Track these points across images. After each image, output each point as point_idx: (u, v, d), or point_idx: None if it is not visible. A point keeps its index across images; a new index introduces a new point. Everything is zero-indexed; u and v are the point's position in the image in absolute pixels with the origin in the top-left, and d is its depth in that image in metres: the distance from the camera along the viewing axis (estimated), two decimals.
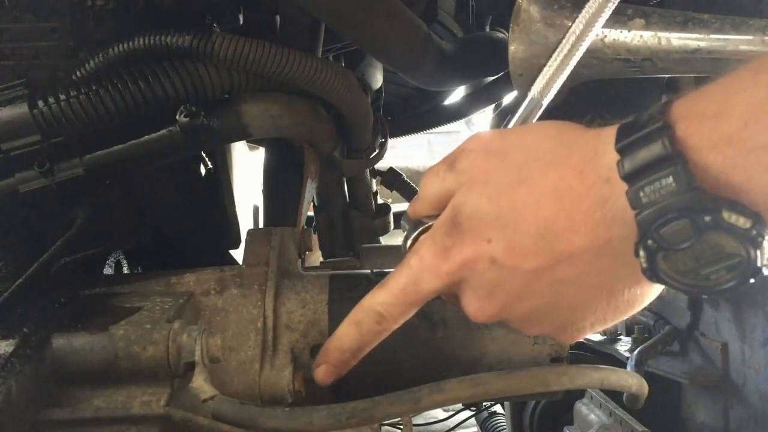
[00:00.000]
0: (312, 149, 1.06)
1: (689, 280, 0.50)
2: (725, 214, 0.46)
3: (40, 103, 0.78)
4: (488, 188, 0.56)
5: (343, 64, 1.30)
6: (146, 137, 0.84)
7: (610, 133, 0.52)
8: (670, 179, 0.47)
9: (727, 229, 0.47)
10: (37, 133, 0.78)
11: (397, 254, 0.65)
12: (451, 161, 0.60)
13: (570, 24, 0.76)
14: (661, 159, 0.48)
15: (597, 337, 1.75)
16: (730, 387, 1.44)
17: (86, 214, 0.83)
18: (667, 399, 1.63)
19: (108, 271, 1.02)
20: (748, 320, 1.38)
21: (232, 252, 1.18)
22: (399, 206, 1.80)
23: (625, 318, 0.60)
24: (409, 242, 0.63)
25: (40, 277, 0.76)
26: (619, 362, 1.59)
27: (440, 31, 1.47)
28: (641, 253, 0.50)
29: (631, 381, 0.73)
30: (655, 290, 0.58)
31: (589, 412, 1.57)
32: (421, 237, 0.62)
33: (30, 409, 0.63)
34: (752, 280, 0.49)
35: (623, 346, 1.70)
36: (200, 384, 0.65)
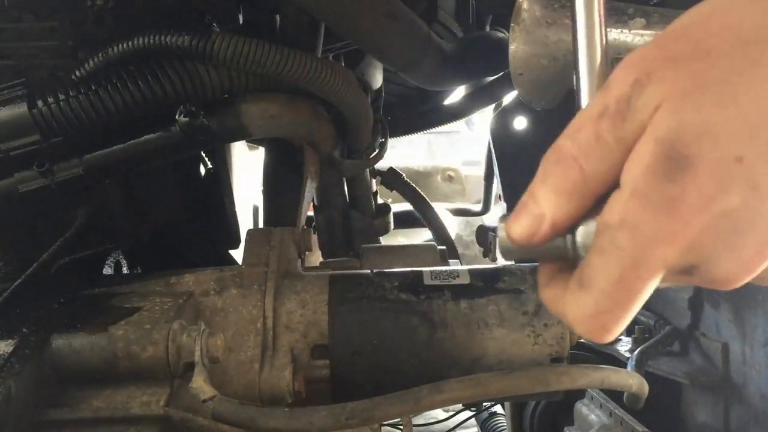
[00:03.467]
0: (312, 149, 1.06)
1: None
2: None
3: (40, 103, 0.78)
4: (710, 92, 0.39)
5: (343, 64, 1.30)
6: (146, 137, 0.84)
7: None
8: None
9: None
10: (36, 133, 0.78)
11: (397, 254, 0.65)
12: (616, 101, 0.41)
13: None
14: None
15: None
16: (731, 387, 1.44)
17: (86, 214, 0.83)
18: (667, 399, 1.63)
19: (108, 271, 1.02)
20: (749, 320, 1.38)
21: (232, 252, 1.18)
22: (399, 206, 1.80)
23: None
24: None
25: (40, 277, 0.76)
26: (620, 362, 1.59)
27: (440, 30, 1.47)
28: None
29: (632, 381, 0.73)
30: None
31: (589, 412, 1.57)
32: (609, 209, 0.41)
33: (29, 409, 0.63)
34: None
35: (623, 346, 1.70)
36: (200, 384, 0.65)
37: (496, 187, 1.90)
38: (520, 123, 1.51)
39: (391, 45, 1.05)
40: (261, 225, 1.99)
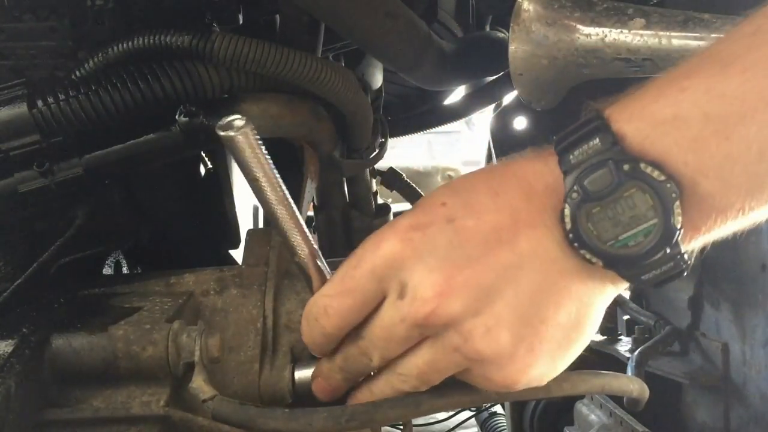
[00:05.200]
0: (312, 149, 1.05)
1: (609, 247, 0.52)
2: (642, 165, 0.51)
3: (40, 103, 0.78)
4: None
5: (343, 64, 1.30)
6: (146, 137, 0.84)
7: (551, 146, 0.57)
8: (596, 140, 0.53)
9: (645, 179, 0.51)
10: (36, 133, 0.78)
11: None
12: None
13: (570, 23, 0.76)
14: (590, 131, 0.53)
15: (597, 337, 1.75)
16: (731, 387, 1.44)
17: (85, 214, 0.83)
18: (667, 399, 1.63)
19: (107, 271, 1.02)
20: (749, 321, 1.38)
21: (232, 252, 1.18)
22: (399, 206, 1.80)
23: (577, 352, 0.58)
24: None
25: (40, 277, 0.76)
26: (620, 362, 1.59)
27: (440, 30, 1.47)
28: (566, 210, 0.53)
29: (633, 387, 0.73)
30: (598, 313, 0.57)
31: (589, 412, 1.57)
32: None
33: (29, 409, 0.63)
34: (668, 250, 0.52)
35: (623, 346, 1.70)
36: (200, 384, 0.64)
37: None
38: (520, 123, 1.51)
39: (391, 45, 1.05)
40: (261, 225, 1.99)
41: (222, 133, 0.56)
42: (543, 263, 0.54)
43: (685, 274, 0.53)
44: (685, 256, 0.53)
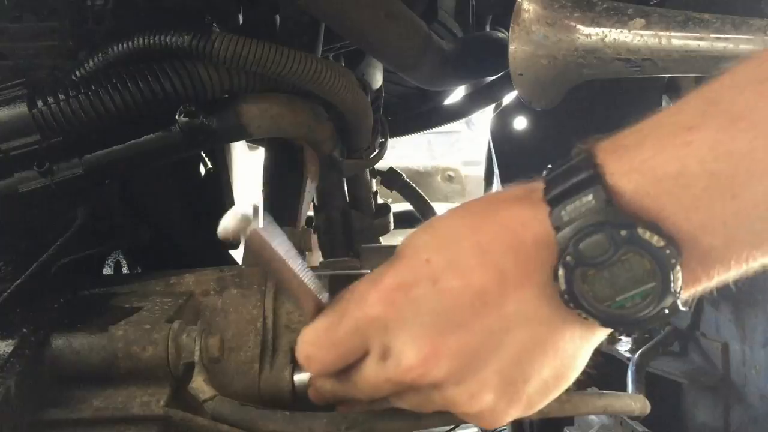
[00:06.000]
0: (312, 149, 1.05)
1: (606, 308, 0.50)
2: (641, 231, 0.48)
3: (40, 103, 0.78)
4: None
5: (343, 64, 1.30)
6: (146, 137, 0.84)
7: (540, 181, 0.54)
8: (590, 197, 0.50)
9: (642, 245, 0.48)
10: (36, 133, 0.78)
11: None
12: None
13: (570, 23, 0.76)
14: (582, 182, 0.50)
15: None
16: (731, 387, 1.44)
17: (86, 213, 0.83)
18: (667, 399, 1.63)
19: (107, 271, 1.02)
20: (749, 321, 1.38)
21: (232, 252, 1.18)
22: (399, 206, 1.80)
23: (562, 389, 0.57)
24: None
25: (40, 277, 0.76)
26: (620, 362, 1.59)
27: (440, 30, 1.47)
28: (560, 272, 0.50)
29: (635, 406, 0.73)
30: (583, 360, 0.57)
31: None
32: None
33: (29, 409, 0.63)
34: (667, 311, 0.50)
35: (623, 346, 1.70)
36: (200, 384, 0.64)
37: (496, 187, 1.90)
38: (520, 123, 1.51)
39: (391, 45, 1.05)
40: (261, 225, 1.98)
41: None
42: (530, 324, 0.53)
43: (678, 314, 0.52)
44: (683, 308, 0.51)
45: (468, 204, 0.58)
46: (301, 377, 0.72)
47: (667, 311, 0.50)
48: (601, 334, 0.56)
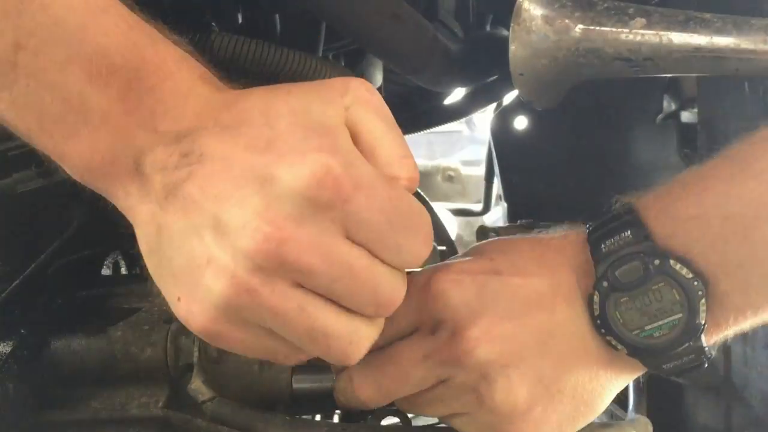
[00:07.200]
0: None
1: (635, 336, 0.55)
2: (672, 262, 0.54)
3: None
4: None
5: (343, 64, 1.30)
6: None
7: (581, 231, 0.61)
8: (628, 232, 0.56)
9: (673, 275, 0.54)
10: None
11: None
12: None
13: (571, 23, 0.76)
14: (622, 224, 0.57)
15: None
16: (732, 389, 1.43)
17: (84, 214, 0.83)
18: (667, 401, 1.62)
19: (106, 271, 1.01)
20: None
21: None
22: None
23: (581, 427, 0.61)
24: None
25: (38, 278, 0.76)
26: None
27: (441, 30, 1.47)
28: (595, 297, 0.55)
29: None
30: (609, 396, 0.61)
31: None
32: None
33: (27, 410, 0.62)
34: (692, 343, 0.54)
35: None
36: (198, 386, 0.64)
37: (497, 187, 1.90)
38: (521, 123, 1.50)
39: (398, 47, 1.05)
40: None
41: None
42: (573, 338, 0.57)
43: (705, 366, 0.56)
44: (707, 350, 0.56)
45: (524, 237, 0.64)
46: (302, 377, 0.72)
47: (691, 344, 0.54)
48: (629, 376, 0.60)
